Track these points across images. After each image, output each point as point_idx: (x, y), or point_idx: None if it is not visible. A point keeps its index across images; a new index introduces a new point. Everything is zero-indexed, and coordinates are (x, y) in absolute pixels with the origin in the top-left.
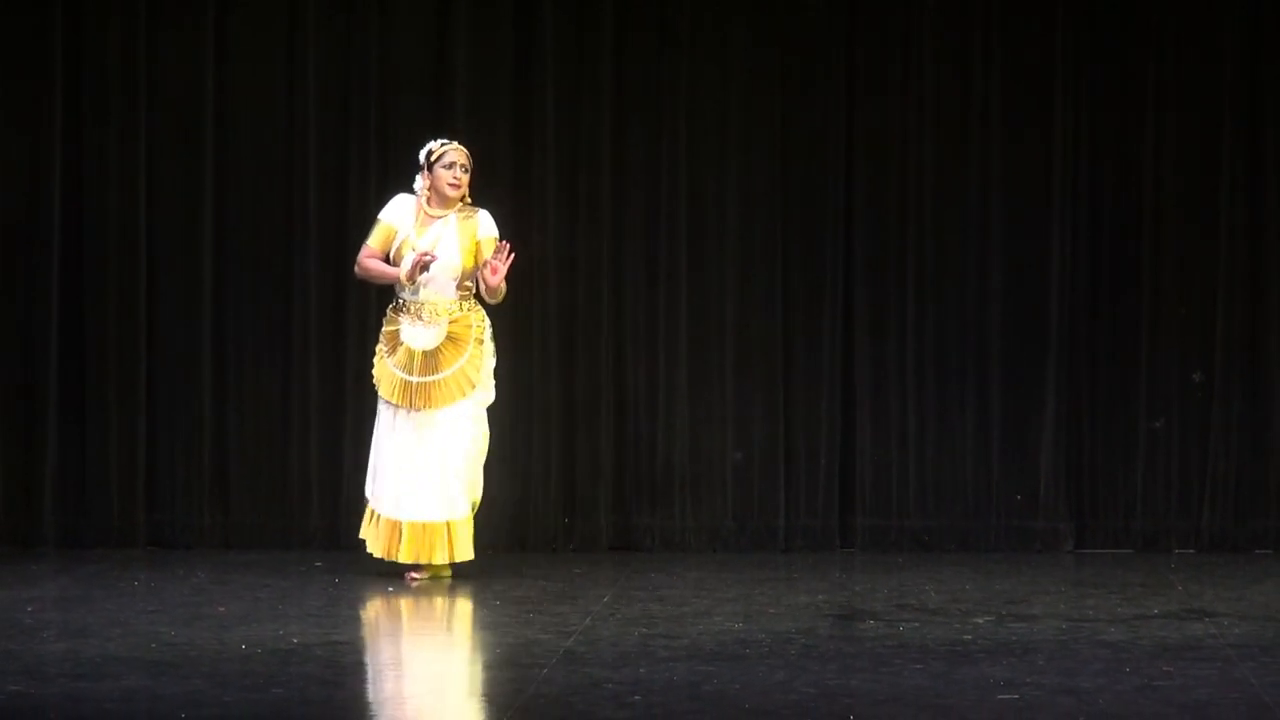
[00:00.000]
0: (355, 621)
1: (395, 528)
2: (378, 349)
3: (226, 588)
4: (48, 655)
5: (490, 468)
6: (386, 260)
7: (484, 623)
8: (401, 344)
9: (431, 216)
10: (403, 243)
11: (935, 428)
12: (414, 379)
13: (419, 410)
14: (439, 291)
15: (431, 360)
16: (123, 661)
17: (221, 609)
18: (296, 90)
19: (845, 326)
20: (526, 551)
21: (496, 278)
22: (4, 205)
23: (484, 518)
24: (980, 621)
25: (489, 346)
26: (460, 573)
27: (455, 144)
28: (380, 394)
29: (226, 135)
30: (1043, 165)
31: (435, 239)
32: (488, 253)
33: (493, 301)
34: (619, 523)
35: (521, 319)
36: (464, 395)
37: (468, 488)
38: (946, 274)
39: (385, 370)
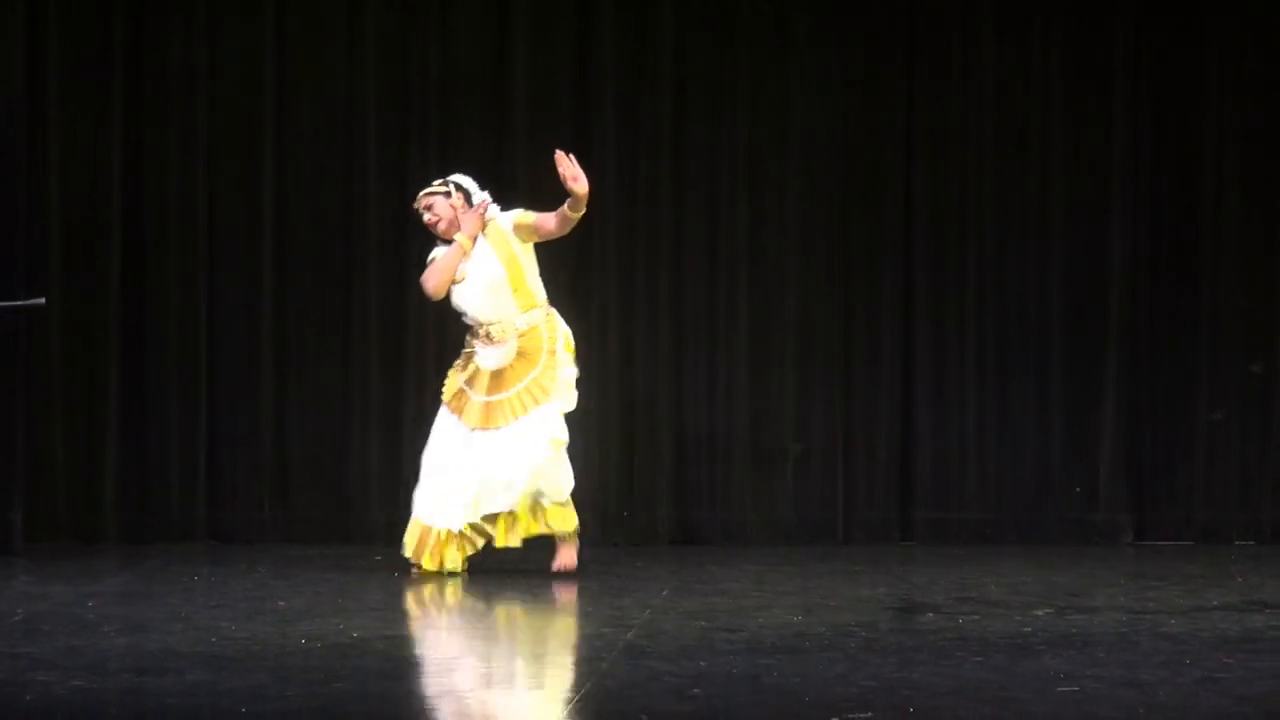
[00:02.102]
0: (416, 616)
1: (449, 536)
2: (454, 370)
3: (287, 582)
4: (110, 650)
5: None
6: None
7: (544, 616)
8: (474, 363)
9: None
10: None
11: (995, 420)
12: (478, 399)
13: (474, 430)
14: (498, 308)
15: (497, 379)
16: (184, 656)
17: (282, 603)
18: (356, 87)
19: (905, 319)
20: (584, 545)
21: (580, 182)
22: (65, 202)
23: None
24: (1040, 614)
25: (564, 356)
26: (523, 566)
27: (423, 191)
28: (444, 400)
29: (286, 131)
30: (1103, 157)
31: (464, 266)
32: (523, 230)
33: (578, 213)
34: (678, 516)
35: (581, 311)
36: (533, 407)
37: (551, 490)
38: (1007, 267)
39: (453, 382)
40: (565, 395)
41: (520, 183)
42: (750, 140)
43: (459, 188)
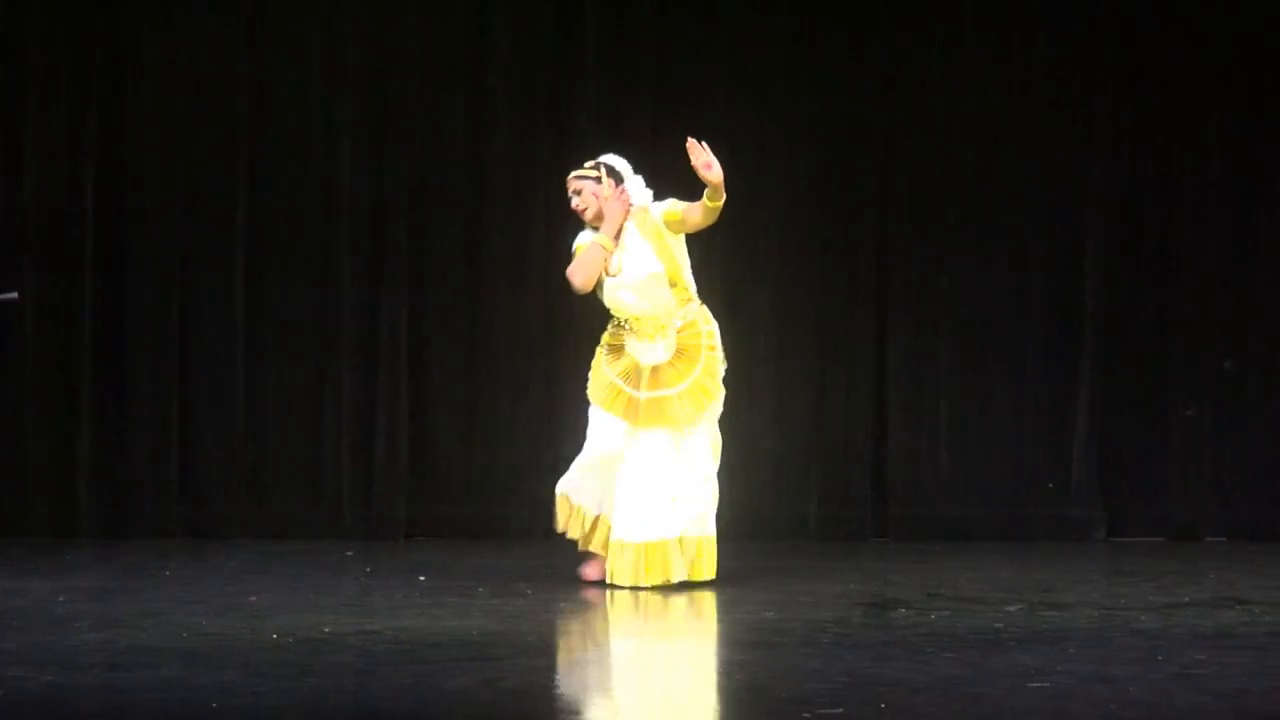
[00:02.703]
0: (388, 611)
1: (637, 550)
2: (598, 352)
3: (260, 578)
4: (82, 645)
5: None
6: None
7: (517, 613)
8: (627, 355)
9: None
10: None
11: (969, 417)
12: (641, 394)
13: (645, 429)
14: (654, 303)
15: (659, 376)
16: (156, 652)
17: (255, 599)
18: (334, 75)
19: (879, 316)
20: (522, 538)
21: (713, 170)
22: (40, 197)
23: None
24: (1013, 610)
25: (720, 354)
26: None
27: (571, 173)
28: (594, 400)
29: (262, 124)
30: (1081, 153)
31: (619, 256)
32: (673, 224)
33: (718, 202)
34: None
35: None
36: (706, 406)
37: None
38: (982, 264)
39: (603, 378)
40: (719, 395)
41: (500, 181)
42: (730, 128)
43: (610, 172)
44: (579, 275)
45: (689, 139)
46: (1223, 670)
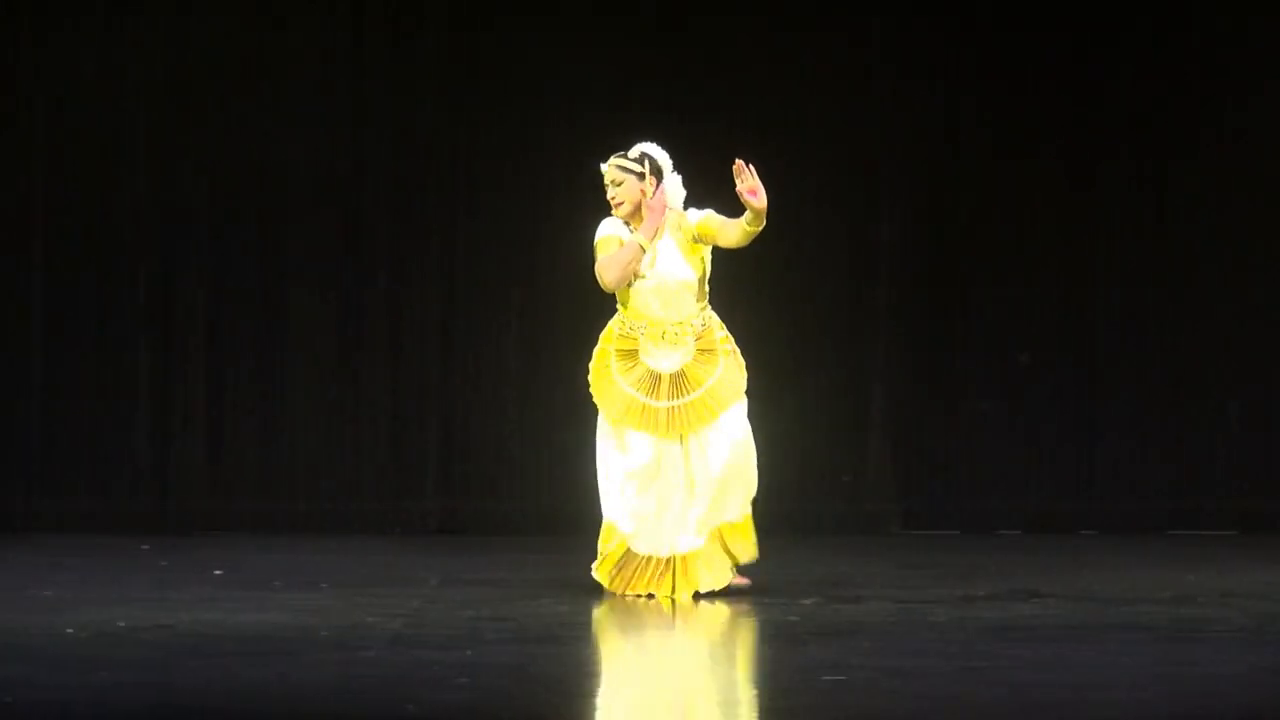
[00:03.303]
0: (184, 605)
1: (666, 563)
2: (599, 355)
3: (54, 571)
4: None
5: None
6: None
7: (312, 607)
8: (640, 362)
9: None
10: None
11: (764, 409)
12: (662, 404)
13: (677, 438)
14: (681, 309)
15: (680, 382)
16: None
17: (49, 593)
18: (130, 74)
19: None
20: (354, 533)
21: (759, 195)
22: None
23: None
24: (808, 603)
25: (739, 357)
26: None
27: (611, 159)
28: (610, 420)
29: (54, 120)
30: (873, 145)
31: (653, 258)
32: (706, 236)
33: (756, 228)
34: (446, 505)
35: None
36: (736, 399)
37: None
38: (777, 255)
39: (616, 391)
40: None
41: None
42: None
43: (654, 168)
44: (612, 274)
45: (737, 161)
46: (1013, 663)
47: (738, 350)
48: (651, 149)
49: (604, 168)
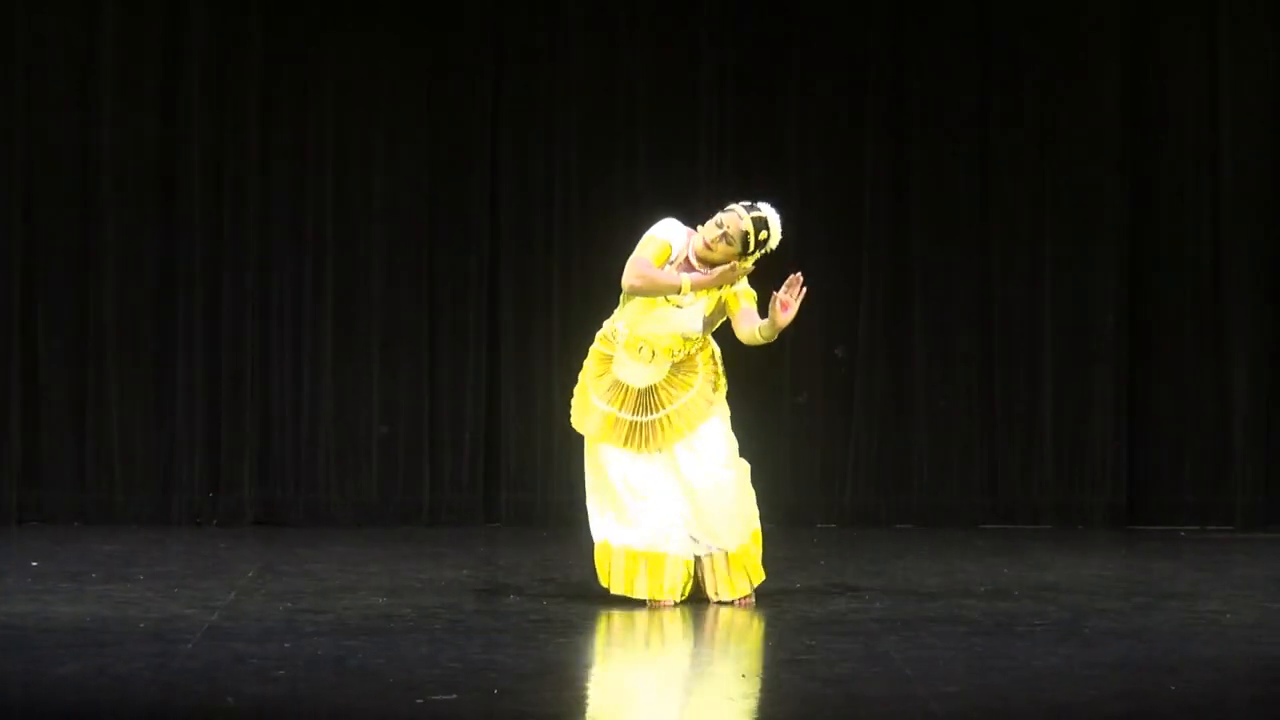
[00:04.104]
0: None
1: (681, 563)
2: (586, 366)
3: None
4: None
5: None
6: None
7: (129, 599)
8: (611, 373)
9: (696, 263)
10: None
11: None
12: (630, 418)
13: (654, 452)
14: (674, 342)
15: (649, 397)
16: None
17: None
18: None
19: (490, 303)
20: (166, 525)
21: (788, 313)
22: None
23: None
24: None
25: (720, 367)
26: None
27: (738, 213)
28: (587, 436)
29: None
30: (690, 144)
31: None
32: (728, 306)
33: (769, 339)
34: (264, 497)
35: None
36: (703, 419)
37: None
38: (592, 250)
39: (592, 408)
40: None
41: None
42: (338, 118)
43: (760, 243)
44: (639, 281)
45: (796, 276)
46: (832, 656)
47: (721, 373)
48: (774, 224)
49: (732, 211)
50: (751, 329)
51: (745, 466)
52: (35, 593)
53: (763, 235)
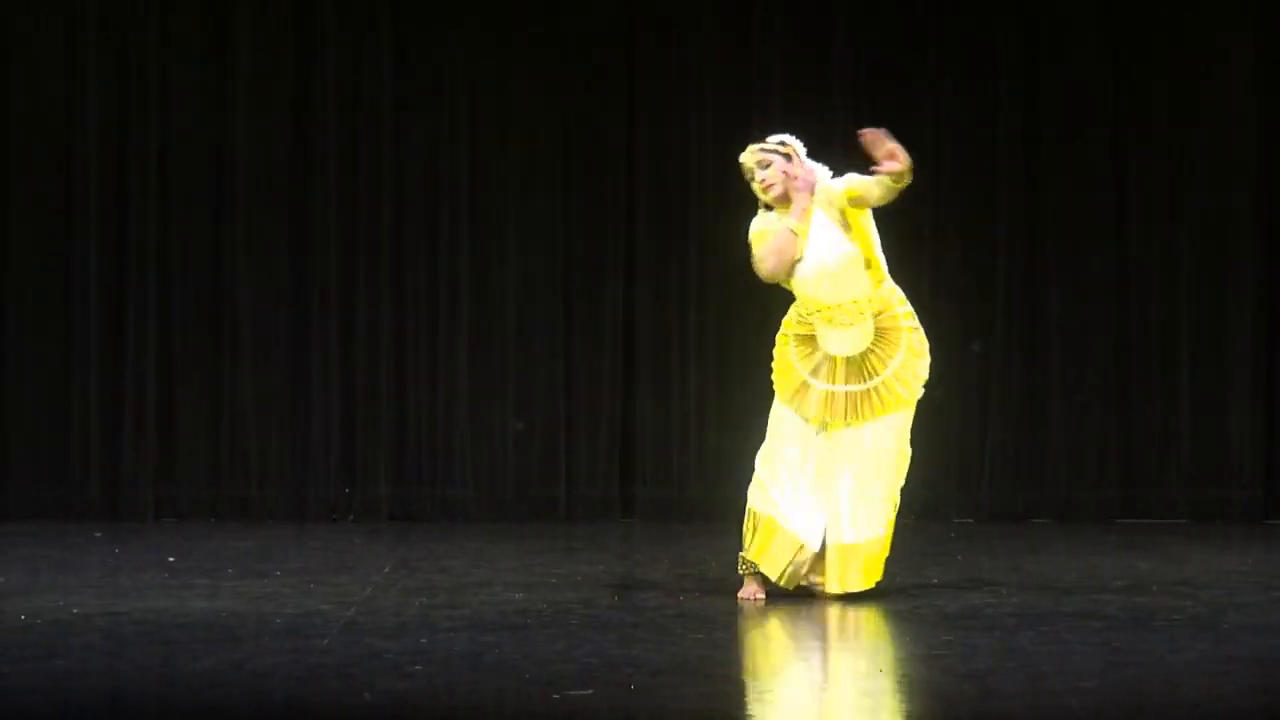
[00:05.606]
0: (135, 592)
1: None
2: (782, 341)
3: (4, 559)
4: None
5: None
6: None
7: (265, 594)
8: (819, 348)
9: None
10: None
11: (713, 401)
12: (839, 388)
13: (849, 426)
14: (852, 288)
15: (858, 366)
16: None
17: (0, 579)
18: (76, 69)
19: (627, 299)
20: (300, 521)
21: (896, 161)
22: None
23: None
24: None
25: (921, 335)
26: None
27: (750, 148)
28: (783, 401)
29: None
30: (823, 142)
31: (803, 243)
32: (855, 200)
33: (901, 183)
34: (399, 493)
35: (302, 293)
36: (908, 398)
37: (887, 509)
38: (730, 239)
39: (795, 375)
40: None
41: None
42: (471, 119)
43: (749, 172)
44: (769, 262)
45: (866, 131)
46: (968, 651)
47: (920, 328)
48: (787, 137)
49: (744, 158)
50: (880, 183)
51: (907, 458)
52: (172, 588)
53: (773, 141)
